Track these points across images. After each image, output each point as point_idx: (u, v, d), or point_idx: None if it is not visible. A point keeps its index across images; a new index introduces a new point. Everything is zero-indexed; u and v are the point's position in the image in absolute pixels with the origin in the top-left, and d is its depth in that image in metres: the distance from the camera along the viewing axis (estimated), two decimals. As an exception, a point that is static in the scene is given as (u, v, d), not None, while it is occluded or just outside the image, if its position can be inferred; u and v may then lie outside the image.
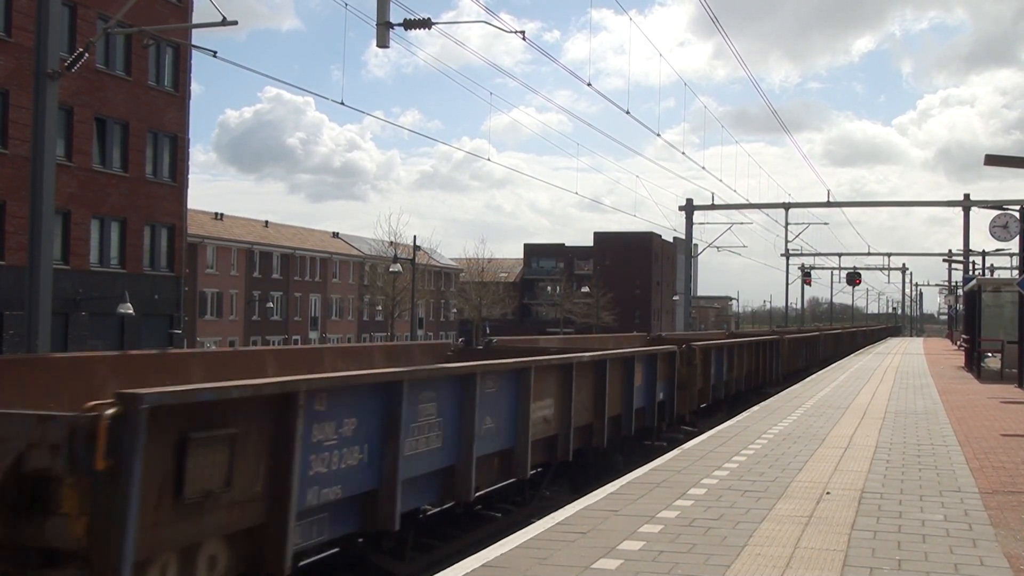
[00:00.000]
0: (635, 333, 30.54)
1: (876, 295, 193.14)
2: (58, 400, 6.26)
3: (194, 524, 4.67)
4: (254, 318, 71.65)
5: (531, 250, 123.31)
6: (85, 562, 4.11)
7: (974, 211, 47.08)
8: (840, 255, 69.37)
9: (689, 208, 46.09)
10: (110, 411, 4.06)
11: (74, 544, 4.10)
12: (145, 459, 4.18)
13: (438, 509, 8.47)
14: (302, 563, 6.28)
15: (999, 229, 33.44)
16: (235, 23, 17.29)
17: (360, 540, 6.89)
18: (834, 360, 35.83)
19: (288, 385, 5.19)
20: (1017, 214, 26.79)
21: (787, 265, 61.77)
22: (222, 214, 73.37)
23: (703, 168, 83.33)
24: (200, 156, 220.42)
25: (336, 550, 6.32)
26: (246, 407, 4.94)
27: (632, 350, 12.64)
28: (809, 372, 28.13)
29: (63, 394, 6.45)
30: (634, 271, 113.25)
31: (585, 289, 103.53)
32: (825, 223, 57.00)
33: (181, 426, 4.48)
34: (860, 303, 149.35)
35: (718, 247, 55.48)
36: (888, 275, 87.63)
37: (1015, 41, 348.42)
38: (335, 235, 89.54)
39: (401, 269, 55.90)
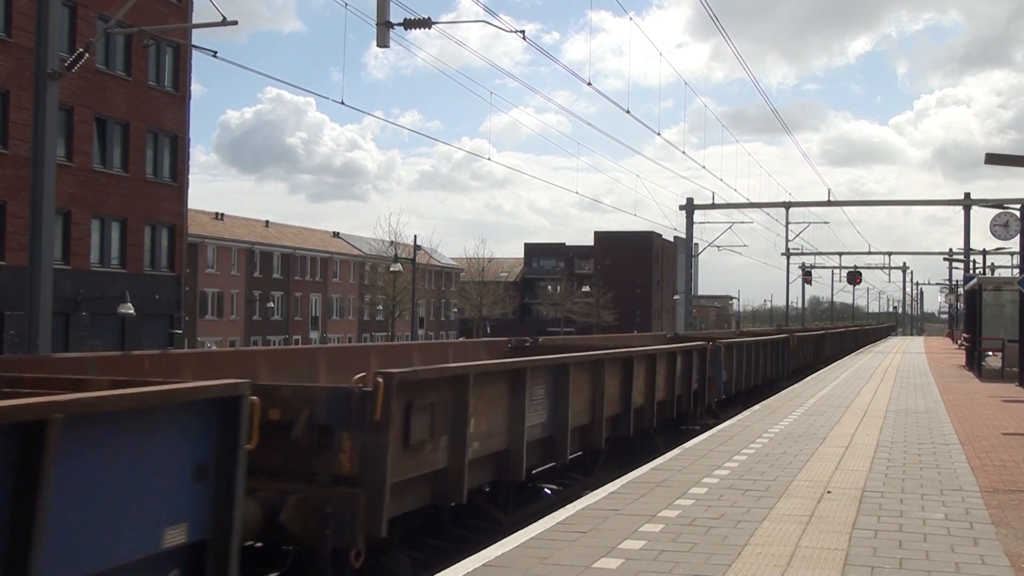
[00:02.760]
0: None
1: (877, 294, 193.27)
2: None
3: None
4: (255, 318, 71.65)
5: (531, 250, 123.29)
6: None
7: (973, 210, 47.10)
8: (840, 254, 69.28)
9: (689, 207, 46.08)
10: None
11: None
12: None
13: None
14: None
15: (999, 228, 33.42)
16: (235, 23, 17.29)
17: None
18: (838, 358, 35.94)
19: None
20: (1017, 213, 26.77)
21: (788, 264, 61.79)
22: (223, 214, 73.37)
23: (703, 167, 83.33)
24: (201, 157, 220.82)
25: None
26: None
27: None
28: (816, 368, 28.57)
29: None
30: (634, 270, 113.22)
31: (585, 289, 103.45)
32: (825, 222, 57.06)
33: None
34: (861, 302, 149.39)
35: (719, 246, 55.51)
36: (889, 274, 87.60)
37: (1009, 42, 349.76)
38: (335, 235, 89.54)
39: (401, 269, 55.88)
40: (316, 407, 5.96)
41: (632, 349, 11.81)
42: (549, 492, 10.15)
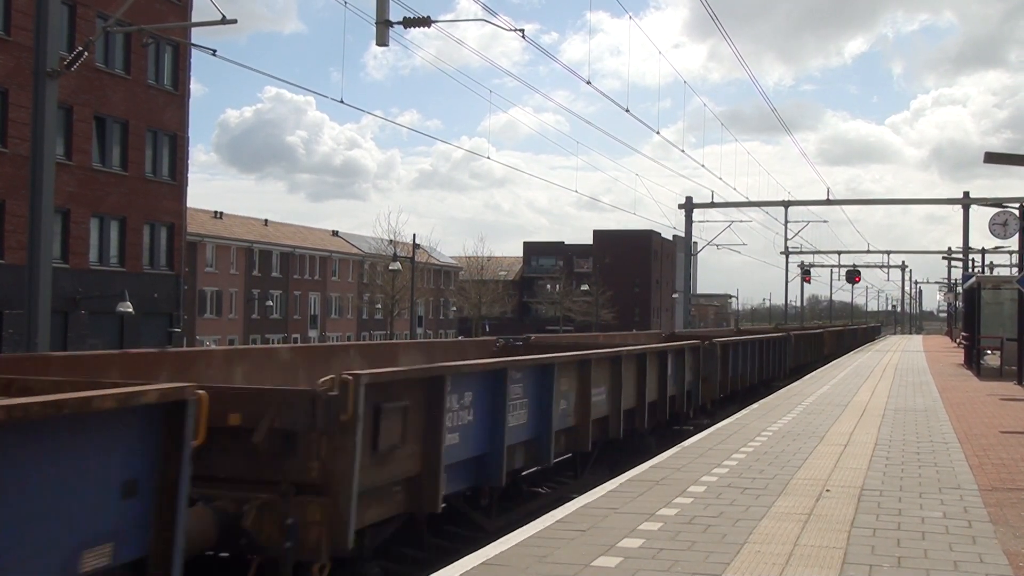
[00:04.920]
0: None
1: (876, 293, 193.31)
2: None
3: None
4: (254, 316, 71.63)
5: (530, 248, 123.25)
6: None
7: (972, 209, 47.10)
8: (839, 253, 69.28)
9: (688, 206, 46.06)
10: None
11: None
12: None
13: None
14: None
15: (998, 227, 33.39)
16: (234, 21, 17.29)
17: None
18: (835, 357, 35.92)
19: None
20: (1016, 212, 26.78)
21: (787, 263, 61.77)
22: (222, 213, 73.32)
23: (702, 166, 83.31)
24: (201, 156, 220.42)
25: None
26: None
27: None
28: (814, 367, 28.56)
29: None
30: (633, 269, 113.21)
31: (585, 287, 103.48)
32: (824, 221, 57.16)
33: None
34: (860, 300, 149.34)
35: (717, 245, 55.58)
36: (887, 273, 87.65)
37: (1002, 43, 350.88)
38: (335, 234, 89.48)
39: (401, 267, 55.86)
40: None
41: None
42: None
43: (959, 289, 49.49)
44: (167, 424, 4.32)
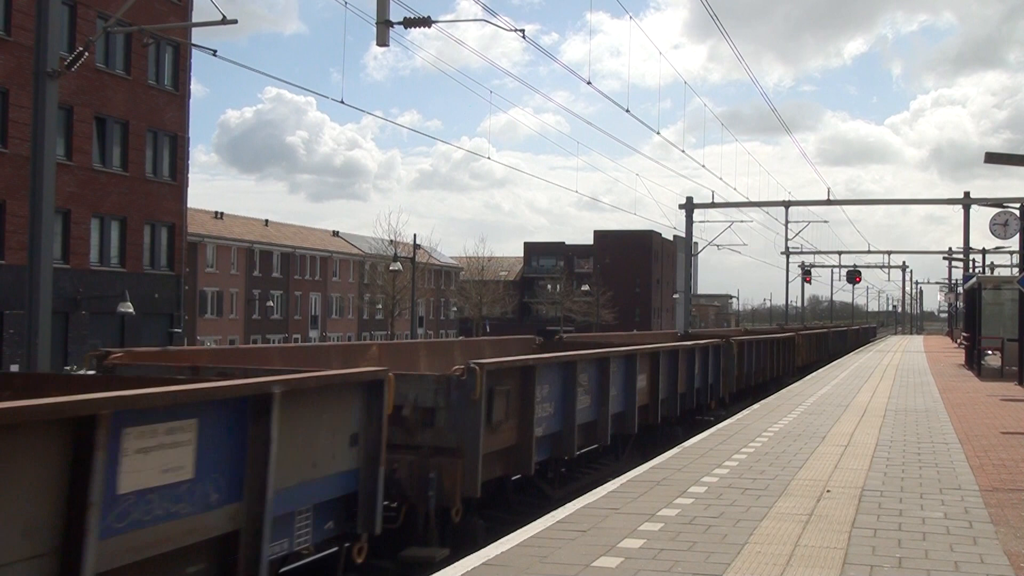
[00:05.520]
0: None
1: (876, 293, 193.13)
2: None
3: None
4: (254, 317, 71.62)
5: (531, 248, 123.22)
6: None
7: (972, 209, 47.05)
8: (840, 253, 69.16)
9: (689, 206, 46.01)
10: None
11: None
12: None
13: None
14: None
15: (999, 227, 33.41)
16: (235, 22, 17.27)
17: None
18: (840, 356, 35.99)
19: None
20: (1017, 212, 26.77)
21: (787, 263, 61.72)
22: (222, 213, 73.30)
23: (703, 166, 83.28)
24: (201, 157, 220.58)
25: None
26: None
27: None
28: (820, 365, 28.82)
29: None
30: (634, 269, 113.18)
31: (585, 287, 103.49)
32: (825, 221, 57.08)
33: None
34: (860, 301, 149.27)
35: (718, 245, 55.46)
36: (888, 273, 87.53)
37: (1001, 43, 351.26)
38: (335, 234, 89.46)
39: (401, 268, 55.83)
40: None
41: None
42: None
43: (960, 289, 49.47)
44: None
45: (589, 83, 23.74)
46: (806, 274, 68.16)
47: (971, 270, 48.69)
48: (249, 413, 5.03)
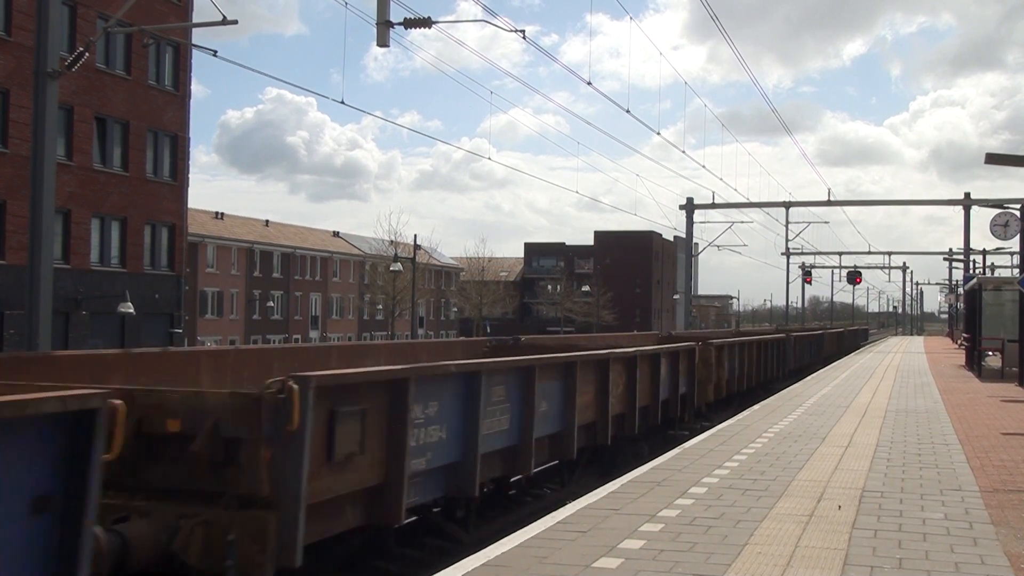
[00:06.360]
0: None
1: (877, 294, 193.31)
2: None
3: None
4: (255, 317, 71.61)
5: (531, 249, 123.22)
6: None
7: (972, 210, 47.06)
8: (840, 254, 69.26)
9: (689, 207, 46.04)
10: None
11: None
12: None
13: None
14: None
15: (999, 228, 33.41)
16: (235, 22, 17.27)
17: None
18: (837, 358, 35.89)
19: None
20: (1017, 213, 26.76)
21: (787, 264, 61.81)
22: (222, 213, 73.31)
23: (703, 167, 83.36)
24: (202, 157, 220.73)
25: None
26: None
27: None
28: (814, 368, 28.43)
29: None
30: (634, 270, 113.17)
31: (585, 288, 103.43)
32: (825, 222, 57.00)
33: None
34: (861, 302, 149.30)
35: (718, 246, 55.50)
36: (888, 274, 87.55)
37: (999, 44, 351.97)
38: (335, 234, 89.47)
39: (401, 268, 55.84)
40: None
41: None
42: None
43: (960, 290, 49.47)
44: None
45: (589, 83, 23.78)
46: (806, 275, 68.24)
47: (971, 271, 48.70)
48: None
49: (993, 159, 14.57)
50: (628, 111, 28.22)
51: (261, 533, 5.16)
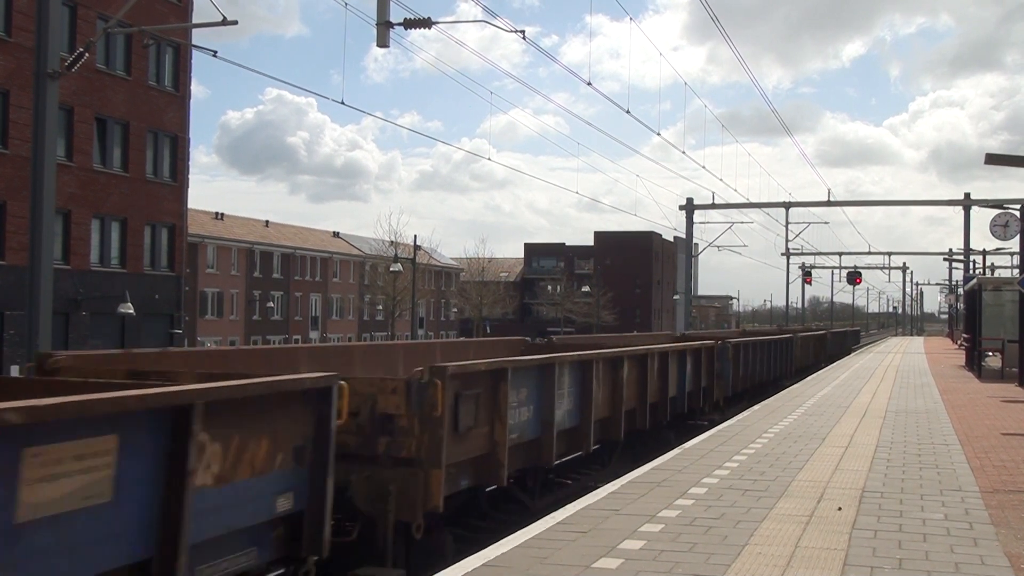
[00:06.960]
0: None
1: (877, 294, 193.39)
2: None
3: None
4: (255, 318, 71.60)
5: (531, 250, 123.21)
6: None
7: (972, 210, 47.04)
8: (840, 254, 69.18)
9: (689, 207, 46.03)
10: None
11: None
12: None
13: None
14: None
15: (999, 228, 33.41)
16: (235, 23, 17.27)
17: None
18: (838, 358, 35.99)
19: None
20: (1017, 213, 26.76)
21: (787, 264, 61.79)
22: (222, 214, 73.28)
23: (703, 167, 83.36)
24: (202, 158, 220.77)
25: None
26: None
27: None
28: (819, 367, 28.74)
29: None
30: (634, 270, 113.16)
31: (585, 288, 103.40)
32: (825, 222, 57.00)
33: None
34: (861, 302, 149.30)
35: (718, 246, 55.49)
36: (888, 274, 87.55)
37: (998, 45, 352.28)
38: (336, 235, 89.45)
39: (402, 268, 55.82)
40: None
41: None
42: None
43: (960, 291, 49.45)
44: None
45: (589, 84, 23.78)
46: (806, 275, 68.20)
47: (971, 271, 48.69)
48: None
49: (993, 159, 14.58)
50: (628, 112, 28.24)
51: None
